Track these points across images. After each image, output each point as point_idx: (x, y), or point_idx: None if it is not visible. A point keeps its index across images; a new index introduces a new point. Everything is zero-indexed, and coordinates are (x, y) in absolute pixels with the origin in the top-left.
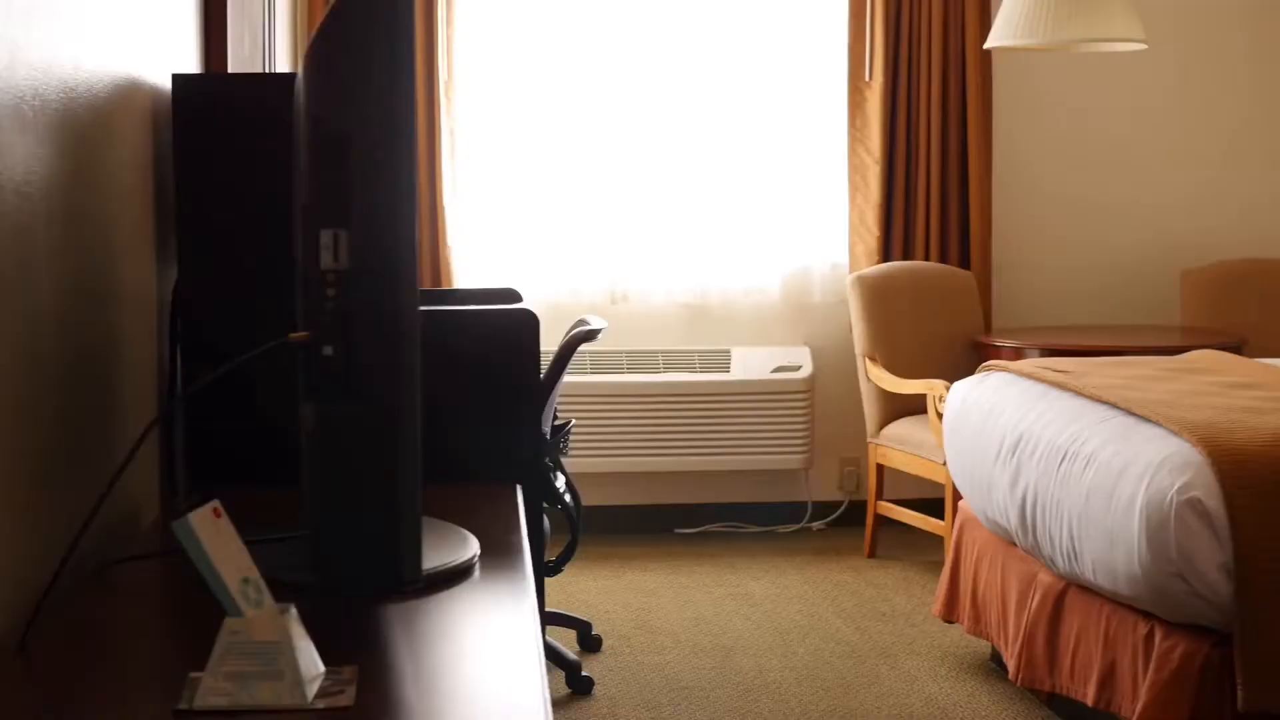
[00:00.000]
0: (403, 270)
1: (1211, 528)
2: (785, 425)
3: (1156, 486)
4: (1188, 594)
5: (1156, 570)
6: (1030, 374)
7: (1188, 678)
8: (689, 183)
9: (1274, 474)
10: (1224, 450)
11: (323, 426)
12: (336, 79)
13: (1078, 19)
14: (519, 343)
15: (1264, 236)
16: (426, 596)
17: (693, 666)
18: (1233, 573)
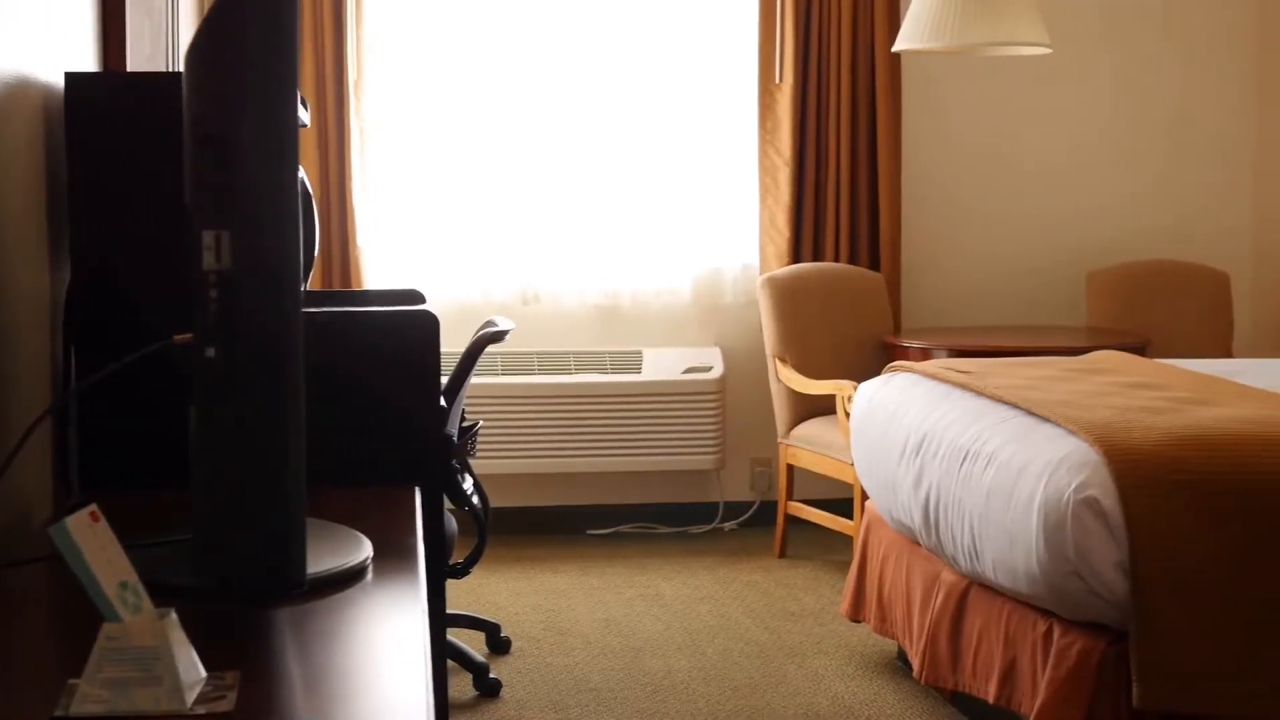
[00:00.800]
0: (285, 271)
1: (1107, 526)
2: (697, 426)
3: (1054, 486)
4: (1084, 592)
5: (1054, 569)
6: (934, 374)
7: (1085, 675)
8: (601, 184)
9: (1169, 473)
10: (1120, 450)
11: (206, 428)
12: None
13: (983, 23)
14: (418, 345)
15: (1169, 238)
16: (315, 600)
17: (602, 667)
18: (1128, 571)
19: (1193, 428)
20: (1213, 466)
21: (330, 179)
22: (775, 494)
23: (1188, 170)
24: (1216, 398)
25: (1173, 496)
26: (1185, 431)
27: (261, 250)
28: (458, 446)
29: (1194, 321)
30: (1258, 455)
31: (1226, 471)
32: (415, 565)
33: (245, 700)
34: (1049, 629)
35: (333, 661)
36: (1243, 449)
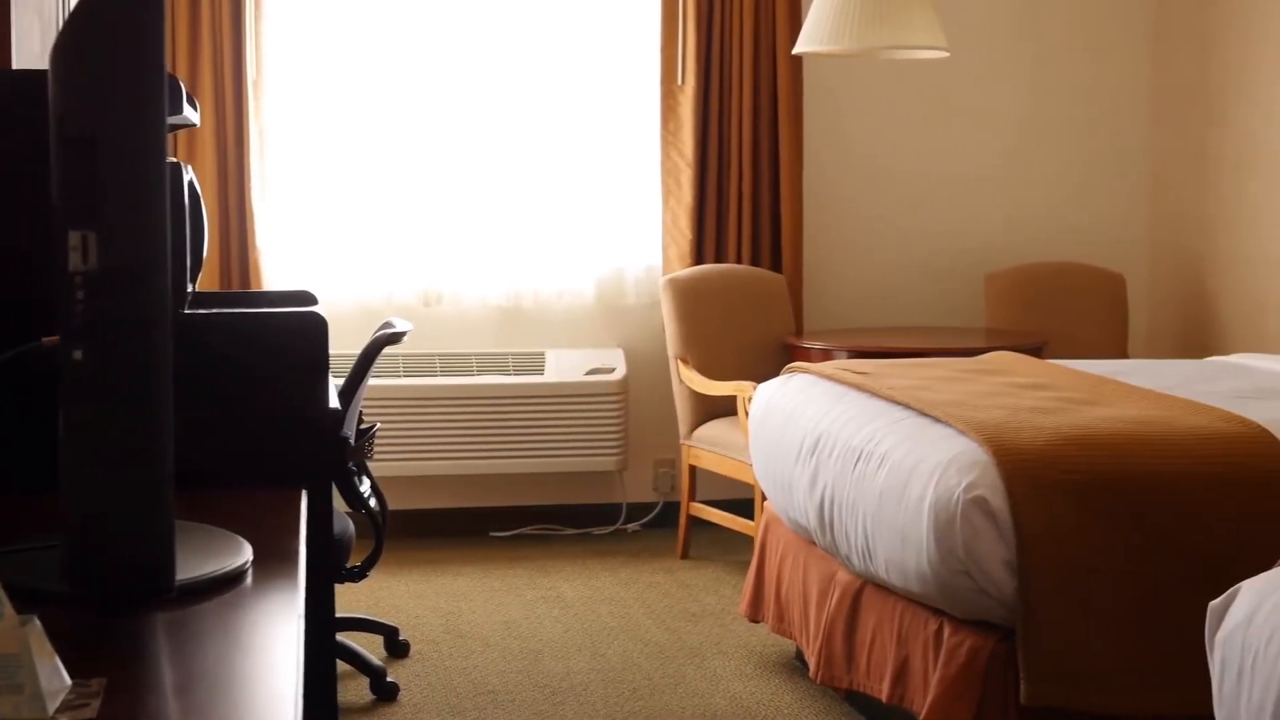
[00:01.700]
0: (155, 272)
1: (996, 526)
2: (599, 427)
3: (944, 486)
4: (974, 591)
5: (944, 568)
6: (831, 375)
7: (974, 672)
8: (503, 184)
9: (1056, 472)
10: (1009, 450)
11: (74, 432)
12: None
13: (882, 26)
14: (306, 346)
15: (1066, 241)
16: (189, 606)
17: (500, 670)
18: (1016, 570)
19: (1079, 428)
20: (1098, 466)
21: (229, 180)
22: (678, 495)
23: (1085, 173)
24: (1105, 398)
25: (1060, 496)
26: (1072, 431)
27: (129, 251)
28: (355, 448)
29: (1090, 323)
30: (1142, 454)
31: (1112, 471)
32: (295, 569)
33: (109, 708)
34: (940, 628)
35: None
36: (1127, 448)
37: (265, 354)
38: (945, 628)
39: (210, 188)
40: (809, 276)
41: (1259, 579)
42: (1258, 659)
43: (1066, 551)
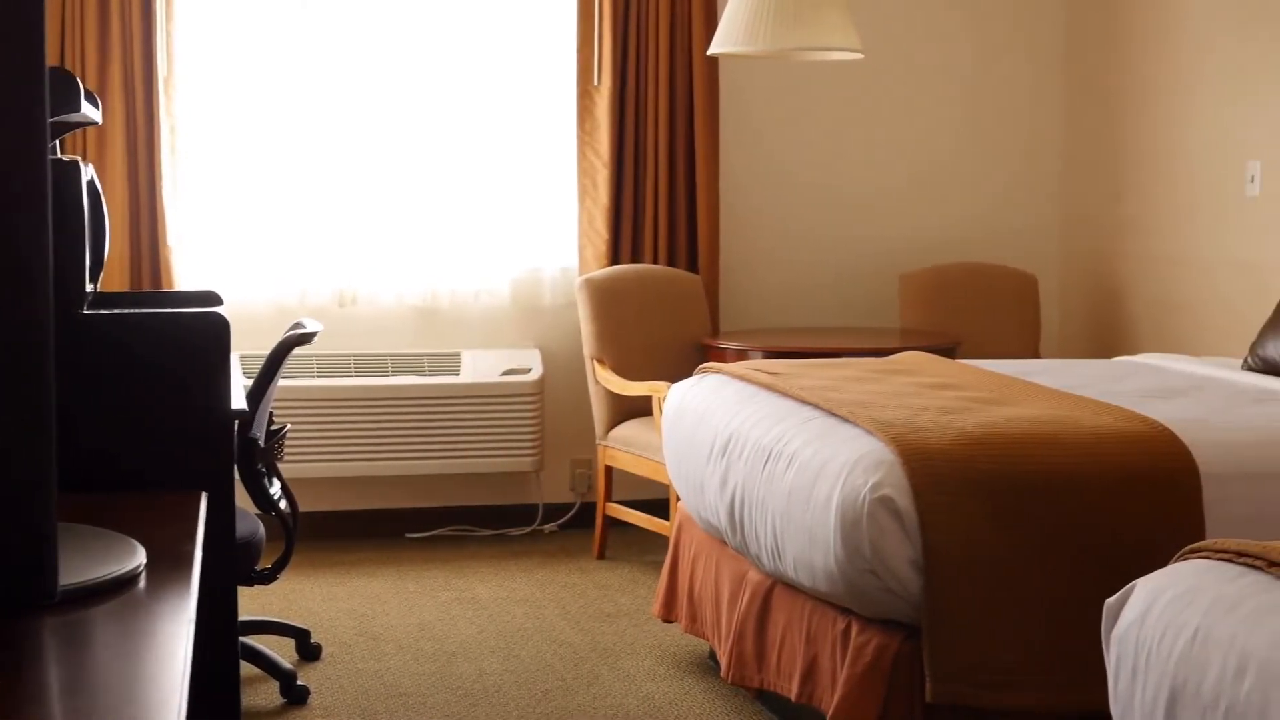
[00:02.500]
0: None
1: (902, 525)
2: (516, 428)
3: (851, 485)
4: (880, 589)
5: (851, 567)
6: (742, 376)
7: (880, 671)
8: (419, 184)
9: (961, 471)
10: (914, 449)
11: None
12: None
13: (796, 28)
14: (207, 347)
15: (979, 241)
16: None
17: (413, 672)
18: (921, 568)
19: (984, 427)
20: (1002, 465)
21: (139, 178)
22: (595, 495)
23: (998, 174)
24: (1011, 398)
25: (964, 495)
26: (977, 431)
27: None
28: (265, 450)
29: (1003, 323)
30: (1045, 454)
31: (1016, 470)
32: (189, 573)
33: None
34: (847, 627)
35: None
36: (1031, 448)
37: (166, 355)
38: (853, 626)
39: (120, 186)
40: (725, 277)
41: (1153, 577)
42: (1151, 656)
43: (971, 550)
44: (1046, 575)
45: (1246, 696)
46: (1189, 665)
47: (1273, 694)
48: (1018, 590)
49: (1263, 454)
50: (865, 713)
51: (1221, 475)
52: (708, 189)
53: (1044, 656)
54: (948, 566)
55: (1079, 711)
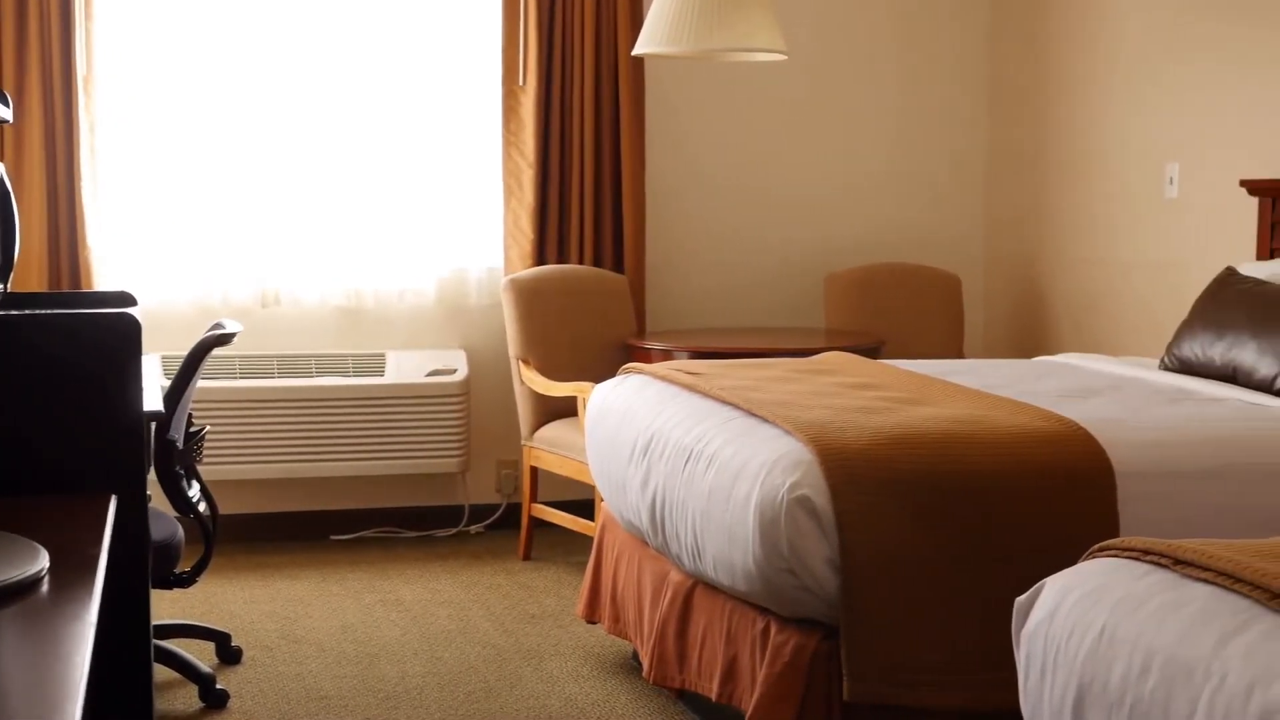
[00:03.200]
0: None
1: (819, 525)
2: (441, 429)
3: (769, 485)
4: (797, 589)
5: (769, 566)
6: (664, 376)
7: (798, 670)
8: (343, 184)
9: (878, 471)
10: (832, 449)
11: None
12: None
13: (719, 29)
14: (118, 348)
15: (904, 242)
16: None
17: (335, 675)
18: (839, 568)
19: (902, 427)
20: (919, 465)
21: (58, 178)
22: (521, 496)
23: (922, 176)
24: (930, 398)
25: (881, 494)
26: (895, 431)
27: None
28: (183, 452)
29: (928, 323)
30: (962, 453)
31: (932, 470)
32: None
33: None
34: (766, 626)
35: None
36: (948, 447)
37: (76, 356)
38: (772, 626)
39: (38, 187)
40: (651, 277)
41: (1061, 575)
42: (1059, 654)
43: (888, 549)
44: (963, 574)
45: (1151, 694)
46: (1096, 663)
47: (1176, 691)
48: (934, 589)
49: (1176, 453)
50: (783, 712)
51: (1136, 474)
52: (633, 189)
53: (960, 655)
54: (864, 566)
55: (996, 710)
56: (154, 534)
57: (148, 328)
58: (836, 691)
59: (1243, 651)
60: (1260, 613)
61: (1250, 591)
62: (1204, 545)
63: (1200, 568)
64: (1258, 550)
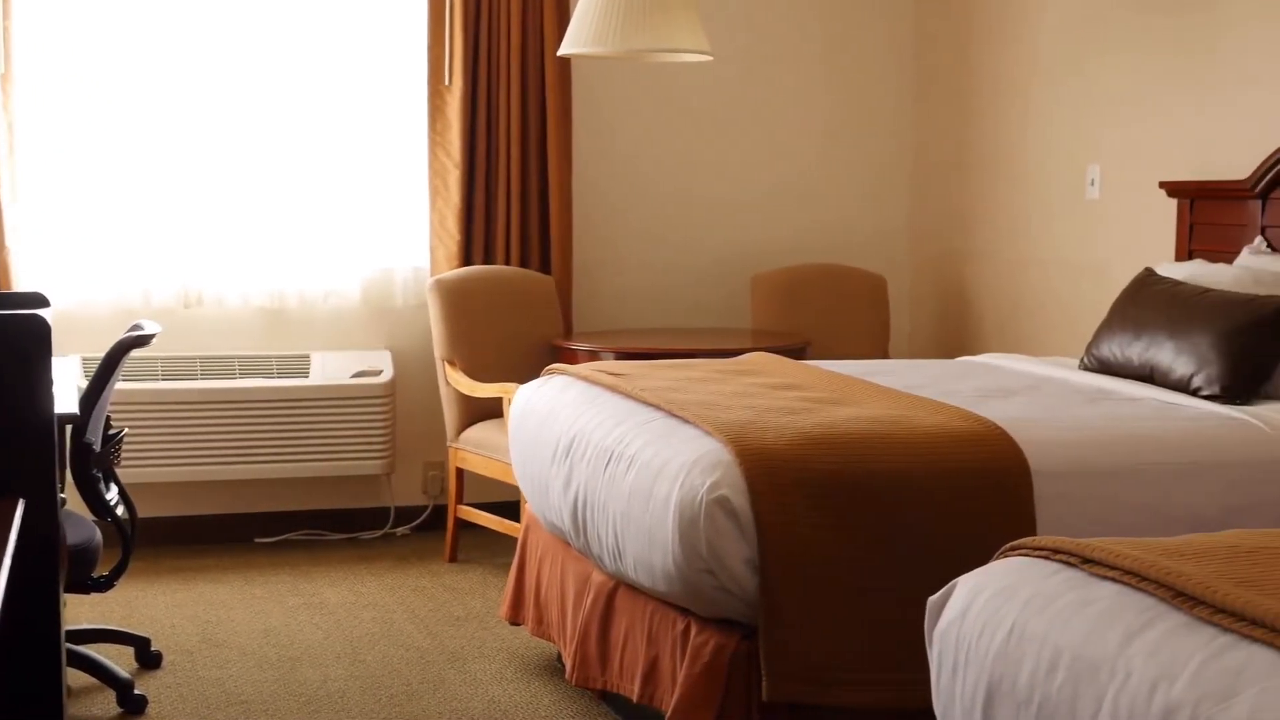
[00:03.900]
0: None
1: (738, 525)
2: (367, 430)
3: (689, 486)
4: (717, 589)
5: (688, 567)
6: (586, 377)
7: (718, 670)
8: (267, 183)
9: (797, 472)
10: (751, 450)
11: None
12: None
13: (645, 29)
14: (27, 349)
15: (830, 242)
16: None
17: (255, 679)
18: (757, 568)
19: (821, 427)
20: (837, 465)
21: None
22: (447, 498)
23: (849, 178)
24: (850, 398)
25: (800, 495)
26: (814, 431)
27: None
28: (100, 455)
29: (853, 323)
30: (880, 453)
31: (850, 470)
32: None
33: None
34: (687, 627)
35: None
36: (866, 448)
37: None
38: (692, 627)
39: None
40: (579, 278)
41: (973, 574)
42: (970, 652)
43: (806, 549)
44: (881, 574)
45: (1058, 691)
46: (1005, 661)
47: (1082, 688)
48: (853, 589)
49: (1092, 452)
50: (702, 713)
51: (1052, 473)
52: (560, 190)
53: (878, 654)
54: (783, 566)
55: (913, 708)
56: (70, 538)
57: (68, 329)
58: (755, 691)
59: (1147, 649)
60: (1165, 611)
61: (1155, 590)
62: (1111, 544)
63: (1107, 566)
64: (1164, 549)
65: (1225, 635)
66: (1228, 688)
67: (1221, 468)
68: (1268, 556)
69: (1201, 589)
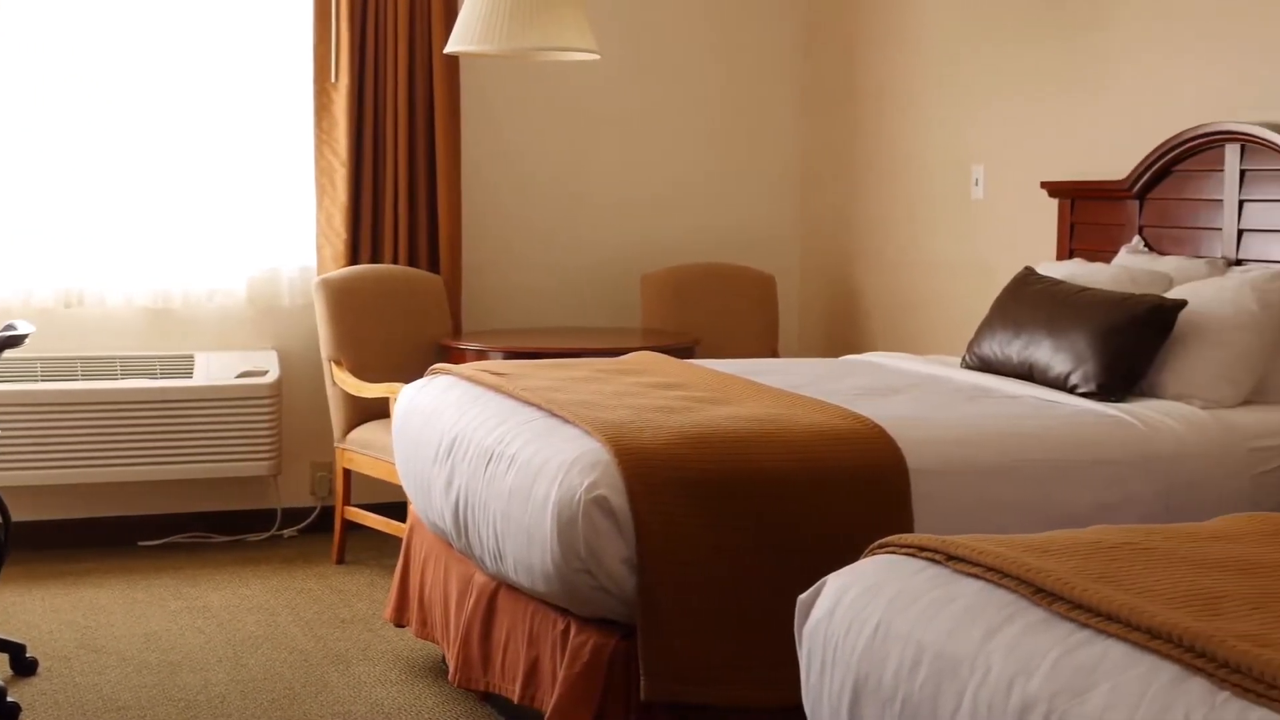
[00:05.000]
0: None
1: (617, 525)
2: (253, 431)
3: (567, 485)
4: (595, 589)
5: (566, 567)
6: (470, 377)
7: (597, 670)
8: (151, 181)
9: (675, 471)
10: (630, 449)
11: None
12: None
13: (531, 28)
14: None
15: (720, 242)
16: None
17: (134, 685)
18: (635, 567)
19: (700, 426)
20: (715, 464)
21: None
22: (335, 499)
23: (739, 177)
24: (732, 397)
25: (678, 494)
26: (693, 430)
27: None
28: None
29: (742, 322)
30: (757, 452)
31: (728, 469)
32: None
33: None
34: (566, 627)
35: None
36: (744, 447)
37: None
38: (571, 627)
39: None
40: (468, 277)
41: (843, 572)
42: (838, 650)
43: (684, 549)
44: (759, 573)
45: (921, 688)
46: (871, 659)
47: (944, 685)
48: (731, 588)
49: (969, 450)
50: (581, 713)
51: (929, 471)
52: (449, 189)
53: (756, 653)
54: (661, 565)
55: (790, 705)
56: None
57: None
58: (634, 691)
59: (1006, 645)
60: (1025, 607)
61: (1016, 586)
62: (974, 541)
63: (970, 563)
64: (1028, 545)
65: (1082, 630)
66: (1083, 682)
67: (1096, 465)
68: (1128, 552)
69: (1059, 585)
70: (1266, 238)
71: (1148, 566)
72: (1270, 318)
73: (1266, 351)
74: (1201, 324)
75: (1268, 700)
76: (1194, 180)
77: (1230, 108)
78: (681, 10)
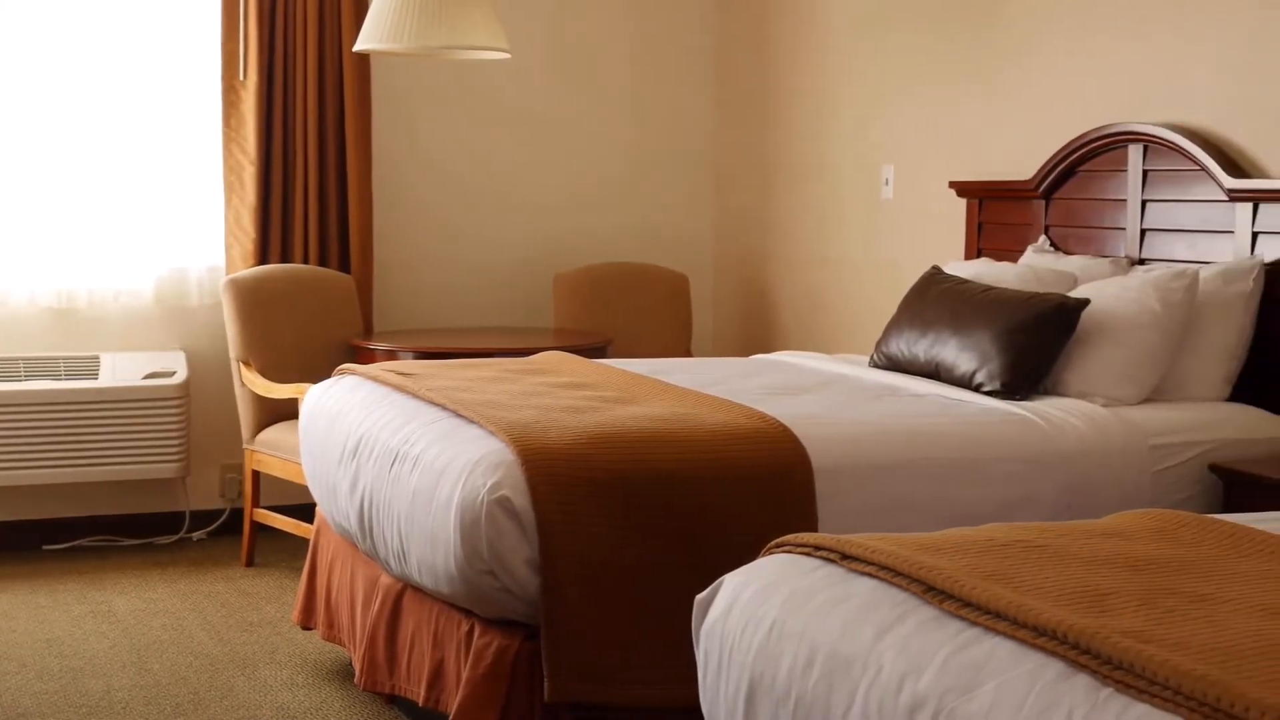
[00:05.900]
0: None
1: (520, 525)
2: (160, 433)
3: (470, 486)
4: (498, 590)
5: (470, 568)
6: (375, 377)
7: (500, 672)
8: (54, 178)
9: (579, 471)
10: (534, 449)
11: None
12: None
13: (441, 26)
14: None
15: (633, 242)
16: None
17: (34, 691)
18: (539, 568)
19: (604, 426)
20: (619, 464)
21: None
22: (244, 501)
23: (653, 177)
24: (639, 396)
25: (582, 494)
26: (597, 430)
27: None
28: None
29: (656, 322)
30: (661, 452)
31: (632, 469)
32: None
33: None
34: (471, 629)
35: None
36: (648, 447)
37: None
38: (475, 629)
39: None
40: (379, 277)
41: (739, 571)
42: (734, 649)
43: (587, 549)
44: (662, 573)
45: (814, 687)
46: (766, 658)
47: (836, 683)
48: (633, 588)
49: (872, 448)
50: (486, 715)
51: (834, 469)
52: (360, 188)
53: (660, 653)
54: (565, 566)
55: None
56: None
57: None
58: (539, 692)
59: (897, 644)
60: (917, 605)
61: (909, 585)
62: (869, 540)
63: (864, 562)
64: (921, 544)
65: (971, 629)
66: (971, 680)
67: (999, 463)
68: (1020, 550)
69: (950, 583)
70: (1168, 237)
71: (1039, 564)
72: (1172, 317)
73: (1168, 350)
74: (1105, 323)
75: (1149, 696)
76: (1098, 180)
77: (1134, 109)
78: (597, 10)
